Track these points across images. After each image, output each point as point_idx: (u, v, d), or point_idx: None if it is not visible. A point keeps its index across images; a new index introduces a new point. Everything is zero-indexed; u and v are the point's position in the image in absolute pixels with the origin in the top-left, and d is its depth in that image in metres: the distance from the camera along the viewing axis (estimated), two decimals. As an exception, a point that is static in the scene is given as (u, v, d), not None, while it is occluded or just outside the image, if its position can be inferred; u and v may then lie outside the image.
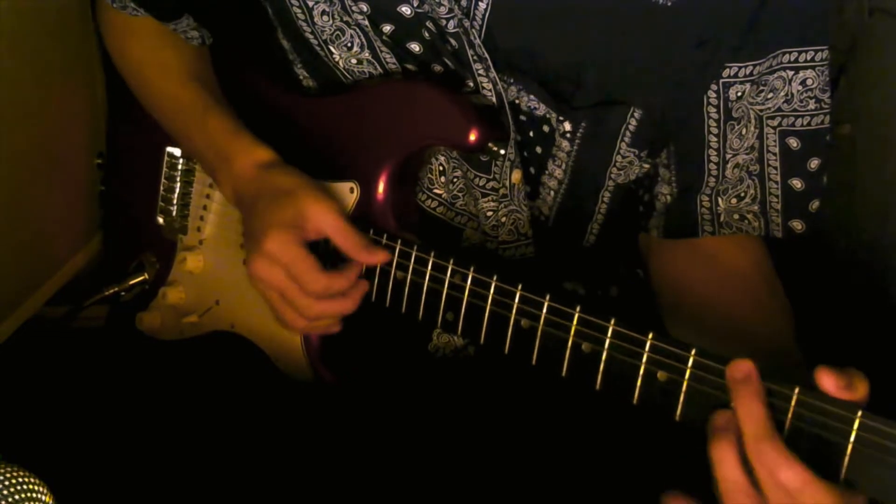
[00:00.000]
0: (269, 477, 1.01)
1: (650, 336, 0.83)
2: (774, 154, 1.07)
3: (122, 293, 1.29)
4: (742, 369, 0.78)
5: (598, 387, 0.86)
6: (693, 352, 0.80)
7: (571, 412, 1.04)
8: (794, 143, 1.06)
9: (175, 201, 1.26)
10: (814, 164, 1.07)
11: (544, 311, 0.89)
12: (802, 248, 1.10)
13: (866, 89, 1.28)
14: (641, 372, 0.83)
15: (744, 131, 1.06)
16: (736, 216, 1.10)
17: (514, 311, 0.91)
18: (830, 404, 0.75)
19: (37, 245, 1.32)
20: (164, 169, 1.27)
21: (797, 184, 1.08)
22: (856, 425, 0.74)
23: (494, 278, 0.93)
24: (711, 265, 1.11)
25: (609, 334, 0.85)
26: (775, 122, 1.06)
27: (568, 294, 1.19)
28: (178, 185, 1.26)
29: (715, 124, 1.06)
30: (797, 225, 1.10)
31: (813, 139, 1.06)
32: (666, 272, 1.16)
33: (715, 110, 1.05)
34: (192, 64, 1.18)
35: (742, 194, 1.09)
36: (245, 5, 1.14)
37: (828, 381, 0.75)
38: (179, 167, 1.25)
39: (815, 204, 1.09)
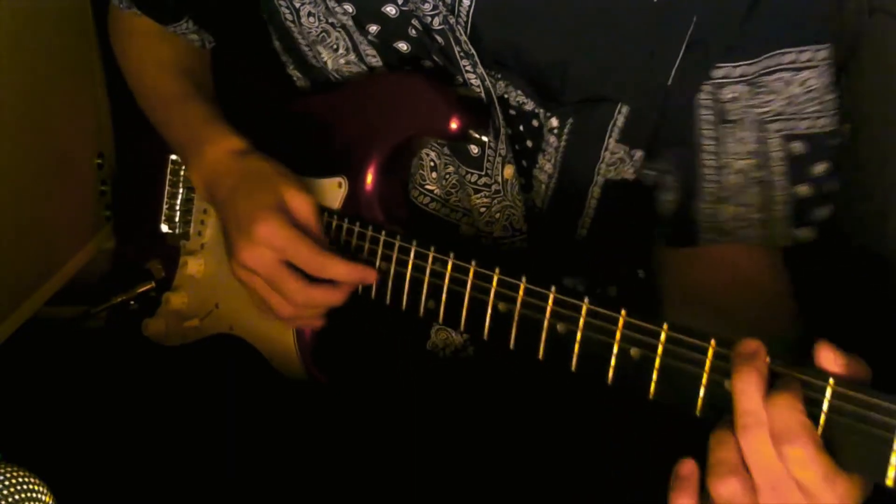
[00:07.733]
0: (268, 476, 1.01)
1: (623, 313, 0.82)
2: (778, 160, 1.02)
3: (131, 302, 1.30)
4: (751, 346, 0.73)
5: (573, 368, 0.85)
6: (665, 326, 0.80)
7: (569, 414, 1.04)
8: (798, 147, 1.02)
9: (178, 207, 1.27)
10: (820, 168, 1.03)
11: (521, 293, 0.89)
12: (805, 248, 1.08)
13: (866, 89, 1.27)
14: (615, 350, 0.82)
15: (742, 135, 1.02)
16: (739, 224, 1.06)
17: (492, 294, 0.91)
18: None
19: (37, 245, 1.34)
20: (168, 176, 1.28)
21: (804, 190, 1.03)
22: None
23: (473, 263, 0.93)
24: (719, 271, 1.07)
25: (583, 313, 0.84)
26: (777, 126, 1.01)
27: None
28: (181, 190, 1.27)
29: (709, 127, 1.03)
30: (805, 233, 1.05)
31: (818, 143, 1.02)
32: (674, 281, 1.12)
33: (708, 112, 1.02)
34: (186, 60, 1.21)
35: (745, 202, 1.04)
36: (241, 9, 1.16)
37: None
38: (182, 173, 1.27)
39: (823, 211, 1.04)
